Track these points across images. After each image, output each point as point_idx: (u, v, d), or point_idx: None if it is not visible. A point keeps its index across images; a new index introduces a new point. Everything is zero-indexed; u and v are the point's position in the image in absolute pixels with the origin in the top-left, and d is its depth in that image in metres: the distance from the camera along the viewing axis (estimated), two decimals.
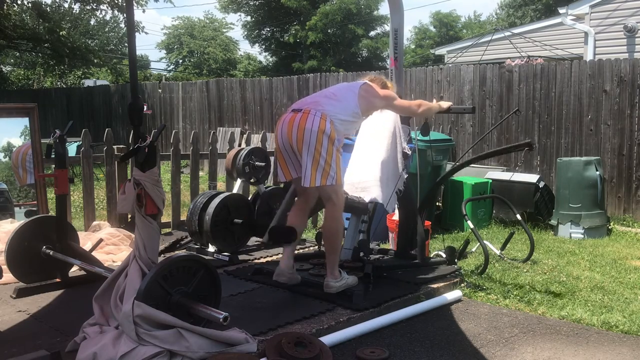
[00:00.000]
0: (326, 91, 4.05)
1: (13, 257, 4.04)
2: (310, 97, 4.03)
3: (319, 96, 3.97)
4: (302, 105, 3.86)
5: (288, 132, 3.75)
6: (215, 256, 4.95)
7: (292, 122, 3.74)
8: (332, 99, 3.87)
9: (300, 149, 3.71)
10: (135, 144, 3.17)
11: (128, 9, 3.37)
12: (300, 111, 3.76)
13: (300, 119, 3.72)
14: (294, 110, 3.81)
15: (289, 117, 3.79)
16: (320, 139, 3.66)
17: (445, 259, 4.80)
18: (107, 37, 35.10)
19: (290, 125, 3.74)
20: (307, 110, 3.75)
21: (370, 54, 31.06)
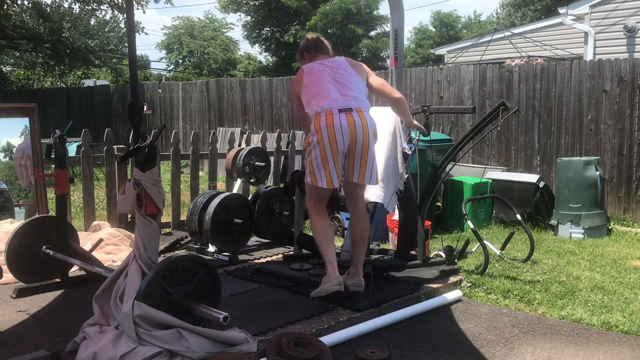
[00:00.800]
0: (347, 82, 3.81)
1: (13, 257, 4.04)
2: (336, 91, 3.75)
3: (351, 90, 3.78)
4: (346, 102, 3.70)
5: (353, 134, 3.63)
6: (215, 256, 4.95)
7: (353, 124, 3.64)
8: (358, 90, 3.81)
9: (367, 150, 3.71)
10: (135, 144, 3.17)
11: (128, 9, 3.37)
12: (352, 110, 3.67)
13: (361, 120, 3.67)
14: (344, 111, 3.66)
15: (345, 118, 3.64)
16: (372, 138, 3.77)
17: (445, 259, 4.80)
18: (107, 37, 35.10)
19: (353, 127, 3.63)
20: (359, 108, 3.71)
21: (370, 54, 31.04)
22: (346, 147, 3.67)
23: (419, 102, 9.18)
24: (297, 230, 4.76)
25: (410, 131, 4.84)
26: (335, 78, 3.79)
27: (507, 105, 4.59)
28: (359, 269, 3.92)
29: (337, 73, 3.82)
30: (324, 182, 3.69)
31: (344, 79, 3.80)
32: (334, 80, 3.79)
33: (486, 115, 4.84)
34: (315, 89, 3.78)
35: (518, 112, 7.94)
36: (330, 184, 3.71)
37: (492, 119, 4.76)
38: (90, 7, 17.81)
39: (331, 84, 3.76)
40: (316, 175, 3.71)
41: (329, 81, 3.77)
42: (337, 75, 3.81)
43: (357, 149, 3.69)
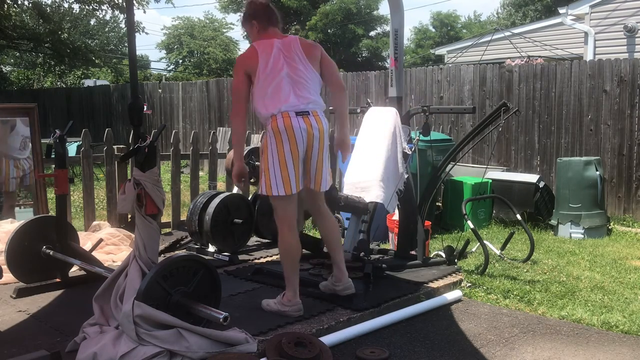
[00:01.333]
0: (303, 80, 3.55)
1: (13, 257, 4.04)
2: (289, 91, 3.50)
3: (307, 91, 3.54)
4: (303, 106, 3.49)
5: (310, 138, 3.46)
6: (215, 256, 4.95)
7: (311, 127, 3.47)
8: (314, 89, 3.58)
9: (322, 154, 3.55)
10: (135, 144, 3.17)
11: (128, 9, 3.38)
12: (309, 114, 3.49)
13: (318, 122, 3.50)
14: (301, 114, 3.47)
15: (303, 121, 3.46)
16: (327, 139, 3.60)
17: (445, 259, 4.81)
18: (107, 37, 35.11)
19: (310, 130, 3.46)
20: (315, 111, 3.53)
21: (370, 54, 31.06)
22: (303, 152, 3.48)
23: (419, 102, 9.18)
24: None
25: (410, 131, 4.84)
26: (291, 74, 3.52)
27: (508, 106, 4.59)
28: (342, 270, 3.80)
29: (292, 66, 3.53)
30: (282, 189, 3.44)
31: (299, 76, 3.54)
32: (290, 78, 3.51)
33: (487, 116, 4.84)
34: (271, 89, 3.49)
35: (518, 112, 7.95)
36: (289, 191, 3.45)
37: (494, 120, 4.76)
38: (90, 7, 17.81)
39: (288, 83, 3.50)
40: (271, 182, 3.45)
41: (285, 79, 3.50)
42: (293, 70, 3.53)
43: (314, 155, 3.51)
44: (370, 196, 4.35)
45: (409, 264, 4.70)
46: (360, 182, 4.44)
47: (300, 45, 3.60)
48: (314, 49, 3.65)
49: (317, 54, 3.65)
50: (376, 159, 4.44)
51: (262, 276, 4.37)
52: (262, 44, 3.59)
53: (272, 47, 3.56)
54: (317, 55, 3.65)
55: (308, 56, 3.60)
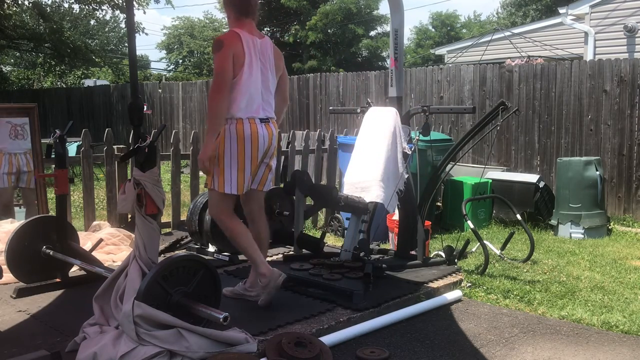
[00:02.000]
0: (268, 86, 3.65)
1: (13, 257, 4.04)
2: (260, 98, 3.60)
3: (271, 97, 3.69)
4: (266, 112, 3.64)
5: (268, 145, 3.62)
6: (215, 256, 4.95)
7: (271, 134, 3.63)
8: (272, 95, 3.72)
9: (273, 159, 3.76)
10: (135, 144, 3.17)
11: (128, 9, 3.38)
12: (269, 121, 3.64)
13: (275, 131, 3.70)
14: (264, 121, 3.60)
15: (265, 130, 3.59)
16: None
17: (445, 259, 4.81)
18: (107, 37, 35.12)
19: (270, 138, 3.63)
20: (273, 118, 3.71)
21: (370, 53, 31.04)
22: (264, 156, 3.66)
23: (419, 102, 9.19)
24: (297, 230, 4.76)
25: (410, 131, 4.84)
26: (264, 81, 3.62)
27: (506, 105, 4.59)
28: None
29: (265, 73, 3.63)
30: (235, 189, 3.56)
31: (268, 84, 3.66)
32: (263, 85, 3.61)
33: (486, 115, 4.84)
34: (248, 90, 3.54)
35: (518, 112, 7.95)
36: (241, 191, 3.59)
37: (492, 119, 4.76)
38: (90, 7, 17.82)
39: (260, 90, 3.60)
40: (225, 182, 3.54)
41: (259, 86, 3.59)
42: (265, 77, 3.63)
43: (266, 160, 3.69)
44: (370, 196, 4.35)
45: (409, 264, 4.70)
46: (360, 182, 4.44)
47: (272, 52, 3.72)
48: (280, 59, 3.83)
49: (282, 65, 3.84)
50: (376, 159, 4.44)
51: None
52: (245, 36, 3.57)
53: (255, 46, 3.60)
54: (281, 66, 3.84)
55: (276, 65, 3.76)
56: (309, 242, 4.74)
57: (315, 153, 7.14)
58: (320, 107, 11.13)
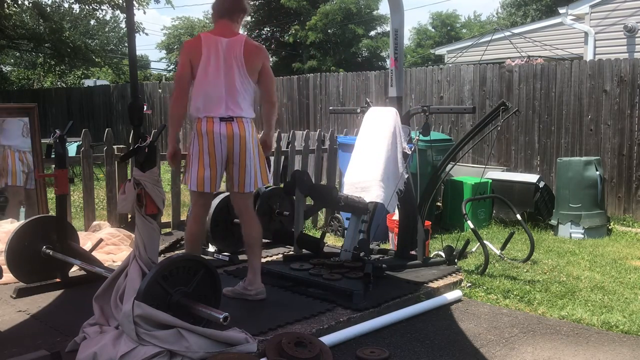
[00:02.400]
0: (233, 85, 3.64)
1: (13, 257, 4.04)
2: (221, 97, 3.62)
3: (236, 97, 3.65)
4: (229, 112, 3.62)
5: (230, 144, 3.62)
6: (215, 256, 4.95)
7: (231, 133, 3.61)
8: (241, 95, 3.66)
9: (244, 159, 3.67)
10: (135, 144, 3.17)
11: (128, 9, 3.38)
12: (233, 120, 3.62)
13: (239, 129, 3.63)
14: (225, 120, 3.61)
15: (225, 128, 3.60)
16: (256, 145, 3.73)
17: (445, 259, 4.81)
18: (107, 37, 35.12)
19: (231, 137, 3.61)
20: (240, 117, 3.64)
21: (370, 53, 31.03)
22: (224, 157, 3.65)
23: (419, 102, 9.19)
24: (297, 230, 4.76)
25: (410, 131, 4.84)
26: (227, 83, 3.62)
27: (507, 105, 4.59)
28: (257, 276, 3.88)
29: (229, 74, 3.62)
30: (195, 186, 3.66)
31: (234, 86, 3.63)
32: (225, 86, 3.62)
33: (486, 116, 4.84)
34: (205, 89, 3.62)
35: (518, 112, 7.95)
36: (202, 189, 3.67)
37: (492, 119, 4.76)
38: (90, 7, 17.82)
39: (221, 85, 3.61)
40: (189, 177, 3.68)
41: (220, 87, 3.61)
42: (229, 78, 3.63)
43: (235, 160, 3.66)
44: (370, 196, 4.35)
45: (409, 264, 4.70)
46: (360, 182, 4.44)
47: (243, 51, 3.65)
48: (255, 57, 3.70)
49: (258, 64, 3.72)
50: (376, 159, 4.45)
51: (262, 276, 4.36)
52: (208, 38, 3.66)
53: (217, 47, 3.64)
54: (257, 66, 3.72)
55: (248, 65, 3.67)
56: (309, 242, 4.74)
57: (315, 153, 7.14)
58: (320, 107, 11.13)
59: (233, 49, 3.65)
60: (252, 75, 3.71)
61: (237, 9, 3.78)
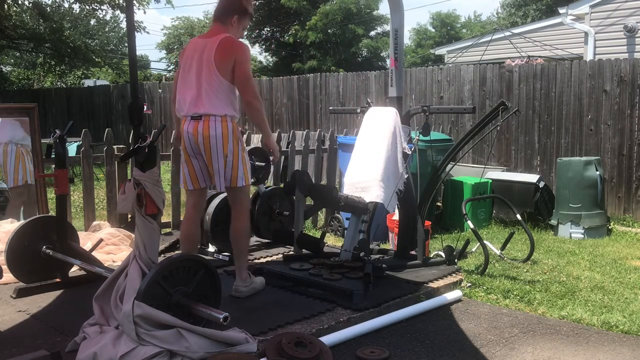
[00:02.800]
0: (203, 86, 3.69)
1: (13, 257, 4.04)
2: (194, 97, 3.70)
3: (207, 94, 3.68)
4: (197, 111, 3.68)
5: (195, 141, 3.69)
6: (215, 256, 4.95)
7: (196, 131, 3.67)
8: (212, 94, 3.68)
9: (210, 157, 3.70)
10: (135, 144, 3.17)
11: (128, 9, 3.38)
12: (200, 118, 3.67)
13: (203, 128, 3.65)
14: (194, 118, 3.68)
15: (193, 126, 3.68)
16: (226, 144, 3.69)
17: (445, 259, 4.81)
18: (107, 37, 35.11)
19: (196, 134, 3.67)
20: (207, 117, 3.66)
21: (370, 53, 31.05)
22: (197, 154, 3.76)
23: (419, 102, 9.19)
24: (297, 230, 4.75)
25: (410, 131, 4.84)
26: (199, 80, 3.68)
27: (506, 105, 4.59)
28: (240, 274, 3.94)
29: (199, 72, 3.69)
30: (182, 183, 3.93)
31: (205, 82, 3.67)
32: (197, 78, 3.68)
33: (486, 115, 4.84)
34: (182, 87, 3.78)
35: (518, 112, 7.95)
36: (185, 186, 3.90)
37: (492, 119, 4.76)
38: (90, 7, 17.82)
39: (193, 85, 3.69)
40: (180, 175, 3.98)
41: (192, 80, 3.70)
42: (199, 76, 3.69)
43: (206, 157, 3.73)
44: (370, 196, 4.35)
45: (409, 264, 4.70)
46: (360, 182, 4.44)
47: (215, 50, 3.66)
48: (226, 54, 3.66)
49: (229, 61, 3.67)
50: (376, 159, 4.45)
51: (262, 276, 4.37)
52: (193, 42, 3.86)
53: (196, 48, 3.77)
54: (229, 62, 3.67)
55: (218, 61, 3.65)
56: (309, 242, 4.74)
57: (315, 153, 7.14)
58: (320, 107, 11.13)
59: (207, 49, 3.69)
60: (224, 72, 3.67)
61: (228, 10, 3.81)
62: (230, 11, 3.82)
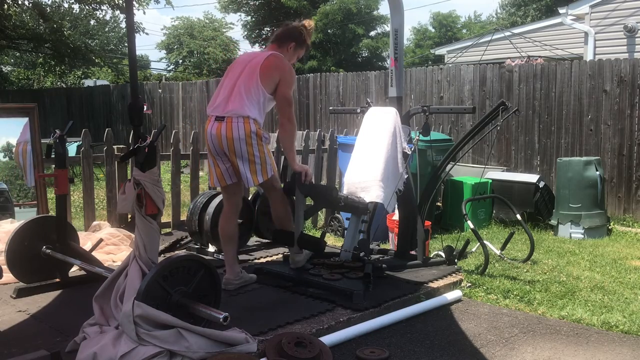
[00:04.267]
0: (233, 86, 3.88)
1: (13, 257, 4.04)
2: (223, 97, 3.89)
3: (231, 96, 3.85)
4: (222, 111, 3.84)
5: (219, 142, 3.84)
6: (215, 256, 4.95)
7: (219, 132, 3.81)
8: (242, 97, 3.82)
9: (235, 157, 3.83)
10: (135, 144, 3.17)
11: (128, 9, 3.37)
12: (223, 120, 3.81)
13: (226, 130, 3.78)
14: (218, 119, 3.84)
15: (216, 127, 3.84)
16: (250, 143, 3.79)
17: (445, 259, 4.80)
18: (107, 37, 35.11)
19: (219, 136, 3.82)
20: (230, 118, 3.79)
21: (370, 53, 31.03)
22: (220, 153, 3.91)
23: (419, 102, 9.19)
24: (297, 230, 4.73)
25: (410, 131, 4.84)
26: (237, 81, 3.87)
27: (506, 105, 4.59)
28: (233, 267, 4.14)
29: (242, 78, 3.87)
30: (209, 181, 4.17)
31: (242, 87, 3.84)
32: (233, 83, 3.89)
33: (485, 115, 4.84)
34: (218, 90, 3.99)
35: (518, 112, 7.94)
36: (212, 184, 4.17)
37: (492, 119, 4.76)
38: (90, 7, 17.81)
39: (228, 87, 3.90)
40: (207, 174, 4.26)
41: (228, 84, 3.91)
42: (241, 77, 3.87)
43: (230, 157, 3.87)
44: (370, 196, 4.35)
45: (409, 264, 4.70)
46: (360, 182, 4.44)
47: (264, 60, 3.88)
48: (275, 69, 3.87)
49: (275, 75, 3.87)
50: (376, 159, 4.45)
51: (262, 276, 4.37)
52: (244, 54, 4.16)
53: (245, 59, 4.01)
54: (274, 77, 3.87)
55: (265, 71, 3.85)
56: (310, 242, 4.71)
57: (315, 153, 7.14)
58: (320, 107, 11.13)
59: (257, 59, 3.92)
60: (266, 83, 3.85)
61: (288, 36, 4.08)
62: (290, 38, 4.07)
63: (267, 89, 3.85)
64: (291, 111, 3.95)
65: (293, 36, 4.06)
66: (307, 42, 4.15)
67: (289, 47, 4.06)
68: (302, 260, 4.29)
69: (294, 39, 4.06)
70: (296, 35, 4.07)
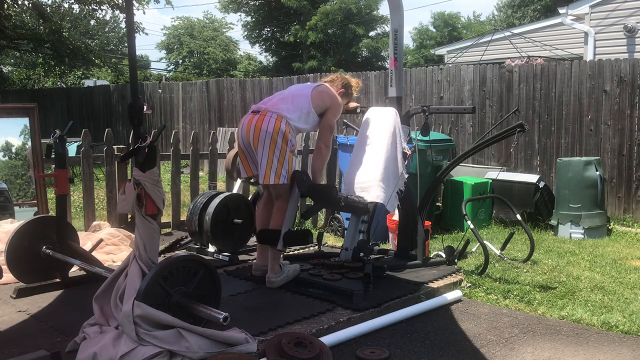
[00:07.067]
0: (283, 93, 4.26)
1: (13, 257, 4.04)
2: (269, 98, 4.24)
3: (276, 98, 4.19)
4: (260, 106, 4.10)
5: (247, 132, 4.02)
6: (215, 256, 4.95)
7: (250, 123, 4.01)
8: (287, 101, 4.11)
9: (257, 148, 3.97)
10: (135, 144, 3.17)
11: (128, 9, 3.37)
12: (258, 113, 4.03)
13: (257, 120, 3.98)
14: (253, 112, 4.07)
15: (248, 118, 4.06)
16: (275, 139, 3.92)
17: (445, 259, 4.81)
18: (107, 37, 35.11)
19: (249, 126, 4.01)
20: (265, 111, 4.00)
21: (370, 53, 31.05)
22: (246, 143, 4.06)
23: (419, 102, 9.18)
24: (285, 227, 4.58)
25: (410, 131, 4.84)
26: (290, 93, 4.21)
27: (524, 128, 4.57)
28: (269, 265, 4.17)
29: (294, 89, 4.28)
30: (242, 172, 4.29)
31: (294, 91, 4.23)
32: (282, 93, 4.26)
33: (500, 132, 4.78)
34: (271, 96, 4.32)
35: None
36: (244, 173, 4.27)
37: (507, 137, 4.74)
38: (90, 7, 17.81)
39: (277, 95, 4.24)
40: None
41: (278, 94, 4.26)
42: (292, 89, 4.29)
43: (254, 147, 4.01)
44: (370, 196, 4.35)
45: (409, 264, 4.70)
46: (360, 182, 4.44)
47: (316, 87, 4.26)
48: (326, 97, 4.23)
49: (325, 101, 4.21)
50: (376, 159, 4.45)
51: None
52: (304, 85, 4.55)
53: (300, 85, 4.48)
54: (324, 102, 4.20)
55: (317, 95, 4.18)
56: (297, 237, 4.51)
57: None
58: None
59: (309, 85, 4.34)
60: (315, 104, 4.14)
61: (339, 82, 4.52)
62: (341, 85, 4.50)
63: (316, 109, 4.15)
64: (330, 138, 4.30)
65: (345, 86, 4.51)
66: (353, 95, 4.66)
67: (339, 92, 4.42)
68: (278, 282, 4.12)
69: (345, 87, 4.51)
70: (347, 86, 4.53)
